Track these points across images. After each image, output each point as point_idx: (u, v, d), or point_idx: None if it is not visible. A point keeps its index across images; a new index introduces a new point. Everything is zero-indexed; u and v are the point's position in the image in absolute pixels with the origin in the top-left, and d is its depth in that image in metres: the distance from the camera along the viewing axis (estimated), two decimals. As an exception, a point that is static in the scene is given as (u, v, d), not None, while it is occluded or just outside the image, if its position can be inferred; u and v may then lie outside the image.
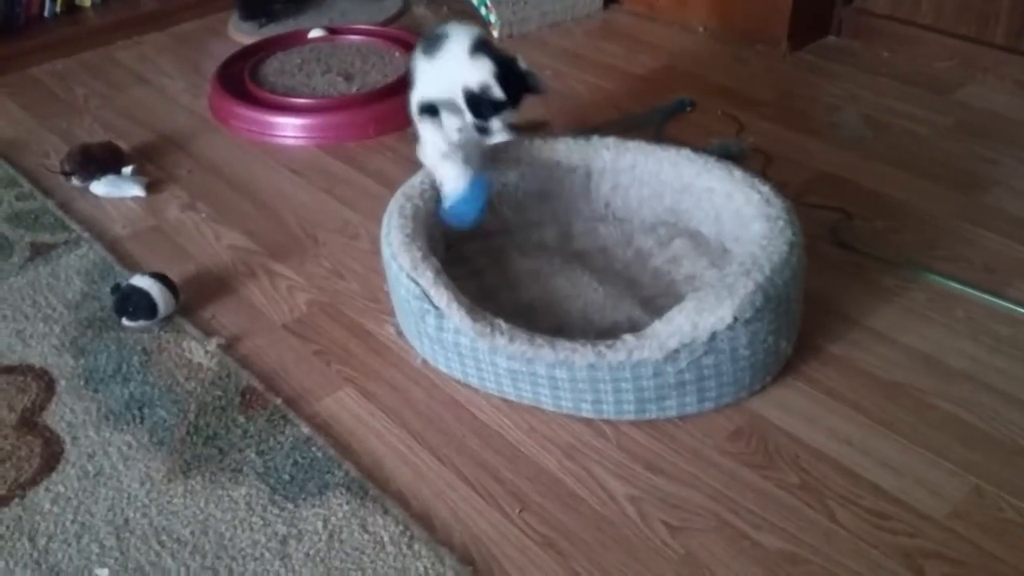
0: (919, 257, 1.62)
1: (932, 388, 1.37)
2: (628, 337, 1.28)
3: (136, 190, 1.89)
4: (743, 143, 1.92)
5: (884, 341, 1.45)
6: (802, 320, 1.45)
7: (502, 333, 1.30)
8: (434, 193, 1.54)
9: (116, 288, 1.54)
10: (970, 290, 1.54)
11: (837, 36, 2.40)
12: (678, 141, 1.69)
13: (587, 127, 1.90)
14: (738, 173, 1.53)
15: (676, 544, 1.17)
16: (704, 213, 1.58)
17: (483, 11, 2.55)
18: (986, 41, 2.18)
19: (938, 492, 1.21)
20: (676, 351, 1.27)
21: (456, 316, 1.33)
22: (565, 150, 1.64)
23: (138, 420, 1.35)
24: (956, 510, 1.19)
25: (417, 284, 1.37)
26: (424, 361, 1.45)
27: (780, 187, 1.52)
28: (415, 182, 1.57)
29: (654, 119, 2.05)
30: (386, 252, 1.46)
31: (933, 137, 1.98)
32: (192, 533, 1.18)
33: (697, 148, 1.62)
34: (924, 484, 1.23)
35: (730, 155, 1.70)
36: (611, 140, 1.64)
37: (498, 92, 1.53)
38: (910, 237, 1.68)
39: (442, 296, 1.35)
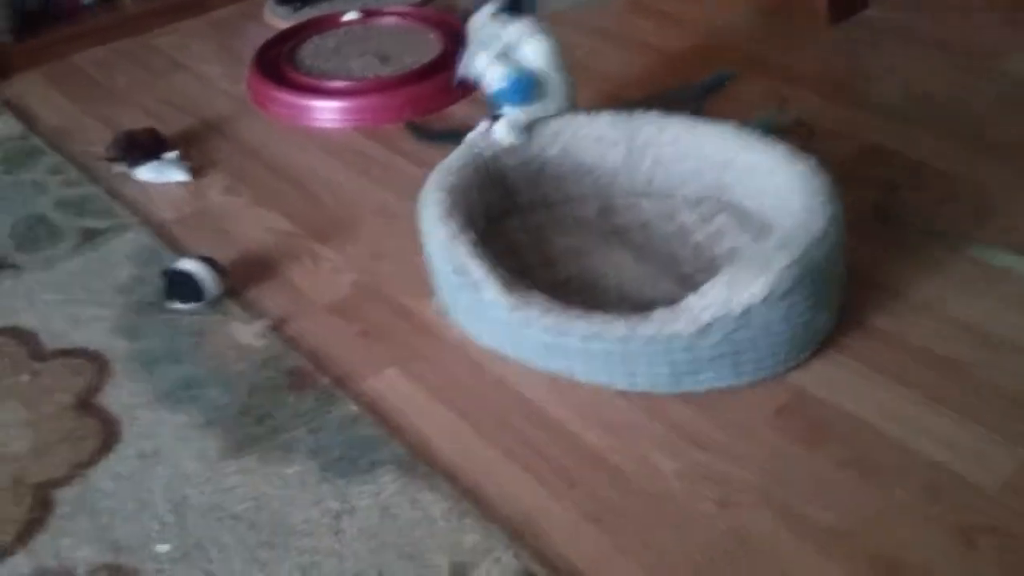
0: (968, 229, 1.60)
1: (982, 361, 1.35)
2: (661, 311, 1.28)
3: (180, 175, 1.91)
4: (785, 116, 1.90)
5: (932, 314, 1.44)
6: (847, 294, 1.44)
7: (536, 306, 1.31)
8: (473, 167, 1.58)
9: (165, 271, 1.56)
10: (1022, 261, 1.52)
11: (879, 7, 2.35)
12: (719, 116, 1.68)
13: (625, 104, 1.89)
14: (780, 147, 1.51)
15: (724, 520, 1.17)
16: (746, 188, 1.57)
17: (517, -11, 2.54)
18: (1032, 9, 2.13)
19: (990, 466, 1.20)
20: (709, 325, 1.26)
21: (491, 289, 1.35)
22: (607, 125, 1.64)
23: (191, 400, 1.38)
24: (1009, 483, 1.18)
25: (453, 257, 1.38)
26: (462, 333, 1.46)
27: (823, 160, 1.50)
28: (454, 157, 1.58)
29: (694, 94, 2.03)
30: (423, 226, 1.47)
31: (979, 107, 1.94)
32: (247, 510, 1.21)
33: (740, 122, 1.61)
34: (975, 458, 1.21)
35: (772, 129, 1.68)
36: (653, 115, 1.64)
37: None
38: (958, 208, 1.65)
39: (477, 269, 1.36)
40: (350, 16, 2.43)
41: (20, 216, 1.82)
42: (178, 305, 1.54)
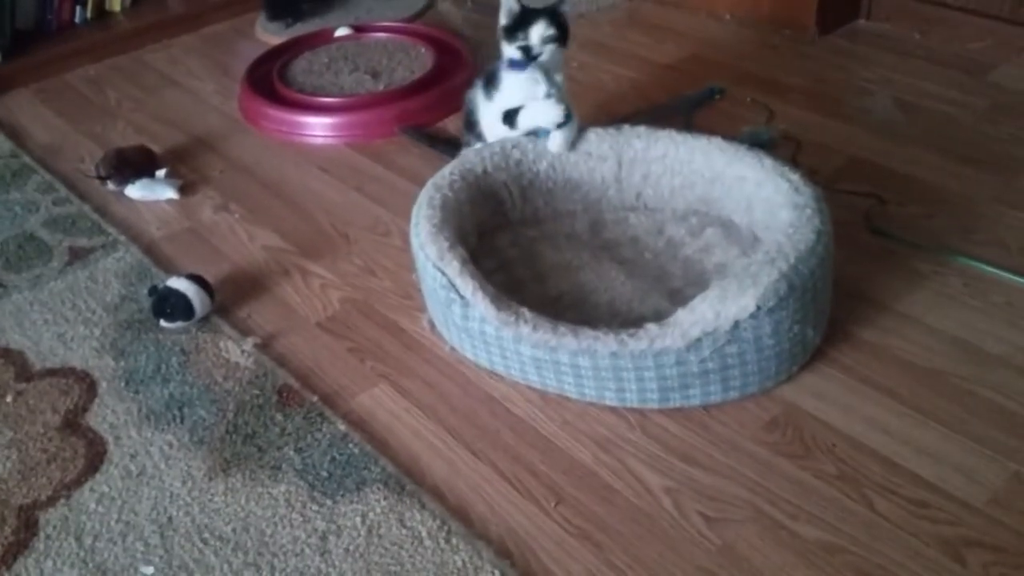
0: (955, 242, 1.60)
1: (969, 374, 1.35)
2: (650, 326, 1.28)
3: (170, 192, 1.91)
4: (773, 130, 1.91)
5: (920, 327, 1.44)
6: (836, 307, 1.44)
7: (526, 322, 1.31)
8: (464, 183, 1.57)
9: (153, 290, 1.56)
10: (1007, 274, 1.52)
11: (867, 19, 2.36)
12: (708, 129, 1.68)
13: (615, 118, 1.89)
14: (768, 161, 1.52)
15: (713, 535, 1.17)
16: (735, 202, 1.57)
17: (508, 4, 2.54)
18: (1020, 21, 2.14)
19: (977, 479, 1.20)
20: (699, 340, 1.26)
21: (481, 305, 1.34)
22: (596, 140, 1.64)
23: (178, 420, 1.37)
24: (996, 497, 1.18)
25: (443, 274, 1.39)
26: (453, 349, 1.46)
27: (811, 174, 1.51)
28: (445, 173, 1.58)
29: (683, 108, 2.04)
30: (414, 242, 1.47)
31: (967, 119, 1.95)
32: (234, 530, 1.20)
33: (728, 136, 1.61)
34: (963, 471, 1.21)
35: (761, 143, 1.69)
36: (642, 129, 1.64)
37: None
38: (945, 222, 1.66)
39: (467, 285, 1.36)
40: (341, 32, 2.44)
41: (9, 235, 1.82)
42: (167, 323, 1.54)
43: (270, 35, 2.59)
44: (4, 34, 2.41)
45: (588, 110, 2.06)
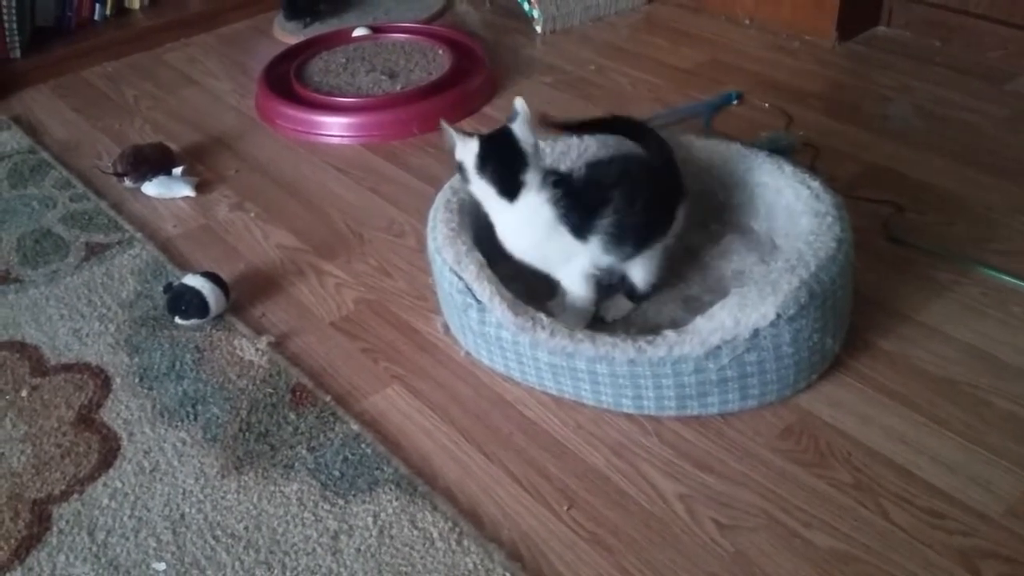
0: (973, 251, 1.59)
1: (987, 385, 1.34)
2: (669, 333, 1.27)
3: (186, 190, 1.92)
4: (792, 137, 1.90)
5: (938, 337, 1.43)
6: (853, 316, 1.43)
7: (543, 327, 1.31)
8: None
9: (168, 287, 1.56)
10: None
11: (887, 26, 2.35)
12: (726, 135, 1.68)
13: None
14: (788, 168, 1.51)
15: (726, 542, 1.16)
16: (755, 209, 1.57)
17: (526, 6, 2.55)
18: (1041, 29, 2.13)
19: (994, 490, 1.19)
20: (718, 347, 1.26)
21: (498, 310, 1.34)
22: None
23: (192, 417, 1.38)
24: (1012, 509, 1.17)
25: (460, 278, 1.38)
26: (468, 354, 1.46)
27: (830, 181, 1.50)
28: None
29: (701, 113, 2.03)
30: (431, 245, 1.47)
31: (987, 128, 1.94)
32: (246, 528, 1.20)
33: (746, 142, 1.61)
34: (979, 482, 1.20)
35: (779, 149, 1.68)
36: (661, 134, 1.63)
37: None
38: (964, 230, 1.64)
39: (484, 290, 1.36)
40: (359, 32, 2.44)
41: (27, 230, 1.83)
42: (181, 321, 1.54)
43: (288, 35, 2.59)
44: (23, 30, 2.42)
45: (605, 114, 2.05)
